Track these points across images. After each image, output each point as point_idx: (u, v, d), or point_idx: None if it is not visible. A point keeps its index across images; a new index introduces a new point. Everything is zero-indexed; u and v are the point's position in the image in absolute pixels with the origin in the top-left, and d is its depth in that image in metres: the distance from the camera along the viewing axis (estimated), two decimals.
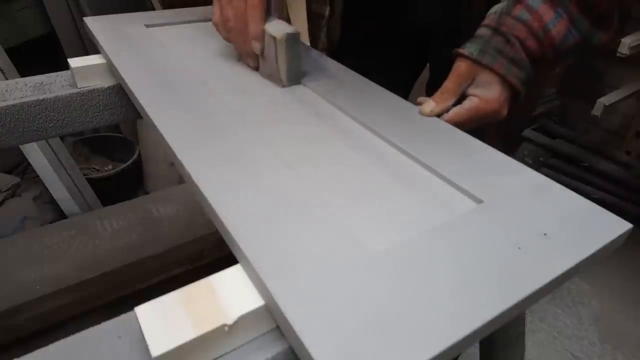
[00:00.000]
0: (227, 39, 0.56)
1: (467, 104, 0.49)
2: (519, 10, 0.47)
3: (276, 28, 0.51)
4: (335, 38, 0.73)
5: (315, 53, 0.65)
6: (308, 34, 0.75)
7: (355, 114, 0.48)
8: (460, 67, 0.49)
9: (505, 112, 0.49)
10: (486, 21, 0.50)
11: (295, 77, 0.54)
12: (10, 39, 1.46)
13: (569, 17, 0.46)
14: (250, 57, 0.55)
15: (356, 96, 0.52)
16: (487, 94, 0.48)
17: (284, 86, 0.53)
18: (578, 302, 1.43)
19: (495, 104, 0.48)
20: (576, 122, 2.00)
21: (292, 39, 0.51)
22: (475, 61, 0.48)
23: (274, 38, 0.51)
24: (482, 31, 0.49)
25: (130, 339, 0.28)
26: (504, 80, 0.48)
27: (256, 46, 0.53)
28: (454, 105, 0.50)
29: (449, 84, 0.50)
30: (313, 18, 0.73)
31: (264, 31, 0.52)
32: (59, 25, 1.66)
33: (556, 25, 0.46)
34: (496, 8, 0.49)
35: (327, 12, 0.69)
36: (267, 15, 0.53)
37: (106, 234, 1.06)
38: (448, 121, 0.48)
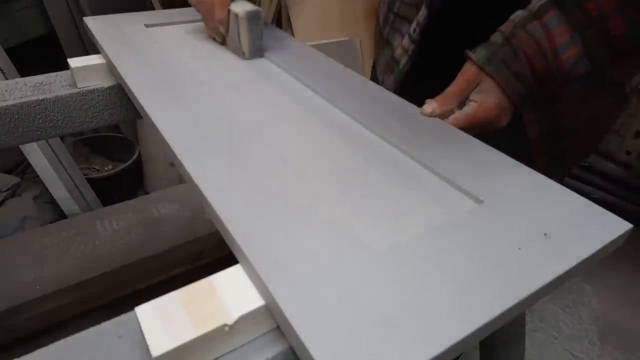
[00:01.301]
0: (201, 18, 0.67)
1: (467, 109, 0.49)
2: (533, 26, 0.46)
3: (240, 7, 0.60)
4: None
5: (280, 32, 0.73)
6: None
7: (355, 114, 0.49)
8: (468, 71, 0.49)
9: (504, 121, 0.49)
10: (502, 27, 0.49)
11: (257, 51, 0.62)
12: (10, 39, 1.46)
13: (583, 45, 0.45)
14: (217, 34, 0.65)
15: (364, 102, 0.52)
16: (486, 100, 0.48)
17: (246, 58, 0.62)
18: (578, 302, 1.42)
19: (493, 112, 0.48)
20: None
21: (254, 16, 0.59)
22: (481, 68, 0.48)
23: (237, 15, 0.59)
24: (495, 37, 0.49)
25: (130, 339, 0.28)
26: (504, 90, 0.48)
27: (221, 29, 0.63)
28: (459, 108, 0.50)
29: (454, 87, 0.50)
30: None
31: (228, 15, 0.62)
32: (59, 25, 1.67)
33: (567, 51, 0.45)
34: (516, 15, 0.48)
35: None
36: None
37: (106, 234, 1.06)
38: None
